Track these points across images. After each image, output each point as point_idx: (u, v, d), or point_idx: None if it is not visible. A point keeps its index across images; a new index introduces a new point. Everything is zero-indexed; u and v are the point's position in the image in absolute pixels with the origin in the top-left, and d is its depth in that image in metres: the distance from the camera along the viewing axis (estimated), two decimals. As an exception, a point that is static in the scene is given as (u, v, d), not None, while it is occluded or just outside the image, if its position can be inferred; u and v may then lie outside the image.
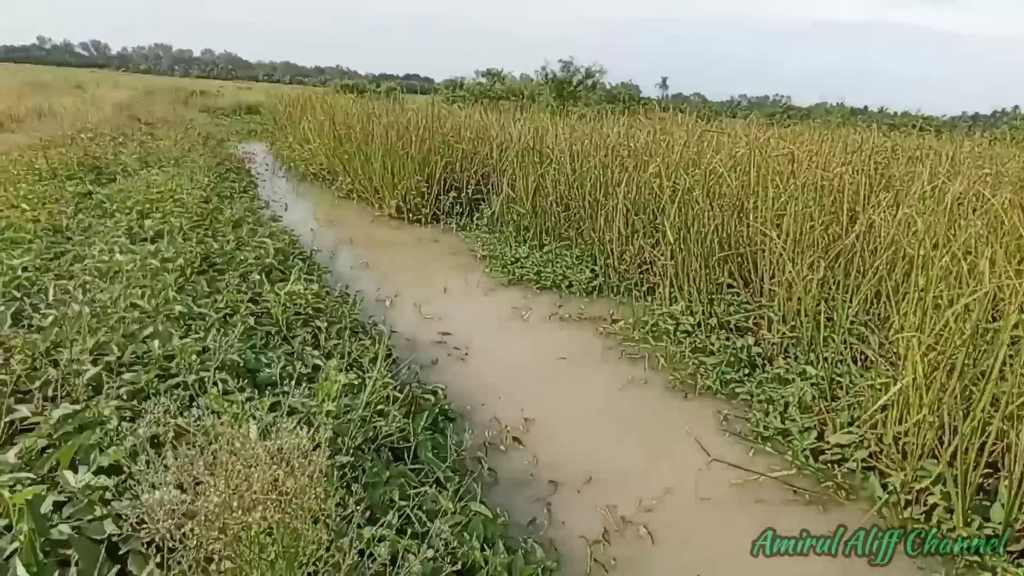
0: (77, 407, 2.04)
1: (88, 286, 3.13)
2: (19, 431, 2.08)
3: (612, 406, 3.67)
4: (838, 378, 3.55)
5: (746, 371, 3.91)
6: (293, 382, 2.41)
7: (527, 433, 3.26)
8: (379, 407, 2.76)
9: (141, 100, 19.28)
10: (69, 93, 18.41)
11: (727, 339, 4.24)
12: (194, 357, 2.48)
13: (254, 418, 1.76)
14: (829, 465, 3.02)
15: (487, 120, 9.78)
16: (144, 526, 1.20)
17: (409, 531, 2.04)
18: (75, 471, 1.77)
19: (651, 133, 6.94)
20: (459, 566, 1.93)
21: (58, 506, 1.68)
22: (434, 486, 2.44)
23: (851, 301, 3.80)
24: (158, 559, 1.56)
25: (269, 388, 2.55)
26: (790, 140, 6.46)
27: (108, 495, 1.66)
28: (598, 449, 3.18)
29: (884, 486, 2.81)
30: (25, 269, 3.40)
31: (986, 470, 2.66)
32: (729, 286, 4.73)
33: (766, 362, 4.01)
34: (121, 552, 1.58)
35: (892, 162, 5.65)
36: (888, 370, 3.28)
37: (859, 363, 3.71)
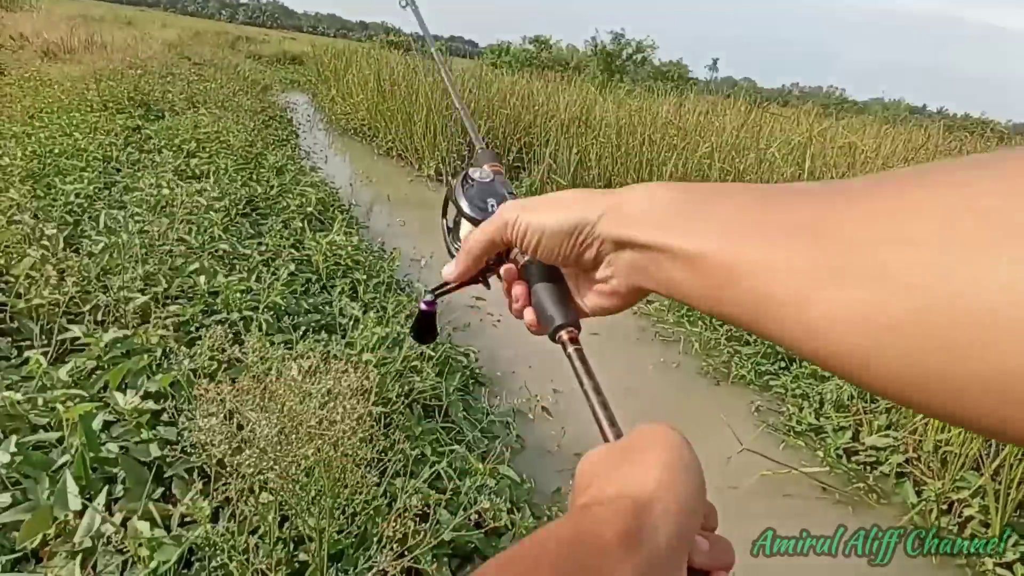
0: (127, 332, 2.07)
1: (137, 217, 3.17)
2: (69, 351, 2.12)
3: (642, 385, 3.64)
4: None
5: (782, 364, 3.83)
6: (350, 323, 2.42)
7: (556, 404, 3.25)
8: (413, 363, 2.76)
9: (188, 41, 19.37)
10: (120, 28, 18.57)
11: (765, 330, 4.15)
12: (238, 295, 2.50)
13: (301, 358, 1.76)
14: (862, 467, 2.96)
15: (533, 87, 9.61)
16: (196, 449, 1.21)
17: (448, 488, 2.05)
18: (124, 393, 1.80)
19: (703, 113, 6.74)
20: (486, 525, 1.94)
21: (106, 425, 1.72)
22: (463, 446, 2.44)
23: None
24: (200, 485, 1.58)
25: (310, 333, 2.57)
26: (847, 132, 6.23)
27: (156, 419, 1.69)
28: (626, 427, 3.16)
29: (918, 493, 2.75)
30: (77, 195, 3.45)
31: (1030, 488, 2.58)
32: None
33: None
34: (166, 475, 1.61)
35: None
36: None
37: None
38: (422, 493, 1.83)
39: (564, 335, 0.46)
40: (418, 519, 1.79)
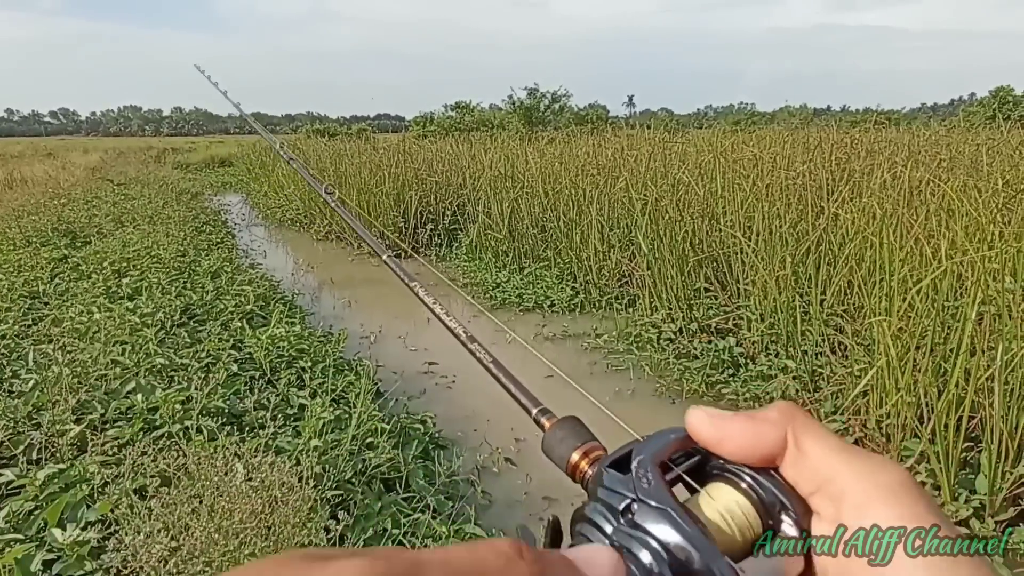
0: (62, 466, 2.04)
1: (68, 347, 3.13)
2: (5, 495, 2.06)
3: (602, 418, 3.70)
4: (819, 369, 3.61)
5: (730, 371, 3.97)
6: (278, 422, 2.42)
7: (519, 453, 3.27)
8: (368, 440, 2.77)
9: (112, 162, 19.30)
10: (40, 161, 18.40)
11: (709, 342, 4.31)
12: (178, 407, 2.49)
13: (239, 457, 1.77)
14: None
15: (458, 151, 9.93)
16: (129, 566, 1.21)
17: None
18: (63, 528, 1.76)
19: (618, 150, 7.10)
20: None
21: (48, 564, 1.67)
22: (428, 512, 2.44)
23: (825, 293, 3.89)
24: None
25: (254, 430, 2.56)
26: (753, 144, 6.66)
27: (97, 548, 1.66)
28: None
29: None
30: (3, 337, 3.39)
31: (967, 443, 2.72)
32: (706, 290, 4.82)
33: (749, 360, 4.08)
34: (113, 604, 1.58)
35: (852, 157, 5.83)
36: (865, 356, 3.35)
37: (839, 353, 3.78)
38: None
39: None
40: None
